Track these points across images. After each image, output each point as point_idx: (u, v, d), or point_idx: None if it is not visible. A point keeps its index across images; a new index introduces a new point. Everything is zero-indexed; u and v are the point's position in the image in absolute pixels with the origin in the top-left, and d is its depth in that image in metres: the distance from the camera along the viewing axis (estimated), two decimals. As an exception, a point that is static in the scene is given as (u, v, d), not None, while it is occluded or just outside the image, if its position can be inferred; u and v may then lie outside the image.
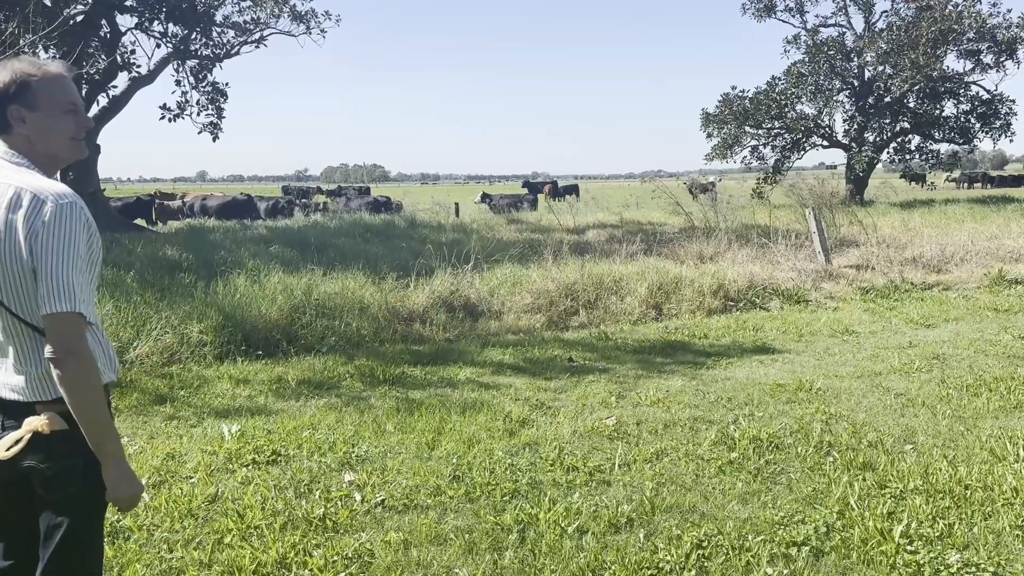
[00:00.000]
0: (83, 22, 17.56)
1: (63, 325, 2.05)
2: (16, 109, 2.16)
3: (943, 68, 28.60)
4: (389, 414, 5.89)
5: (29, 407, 2.17)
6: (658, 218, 23.55)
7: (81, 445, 2.15)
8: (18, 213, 2.06)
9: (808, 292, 10.89)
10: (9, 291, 2.10)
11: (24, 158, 2.18)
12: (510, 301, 9.90)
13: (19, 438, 2.12)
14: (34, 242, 2.04)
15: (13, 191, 2.08)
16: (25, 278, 2.08)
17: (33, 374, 2.16)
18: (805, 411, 5.85)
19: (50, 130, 2.22)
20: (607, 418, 5.73)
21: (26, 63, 2.20)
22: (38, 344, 2.14)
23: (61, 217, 2.06)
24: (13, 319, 2.13)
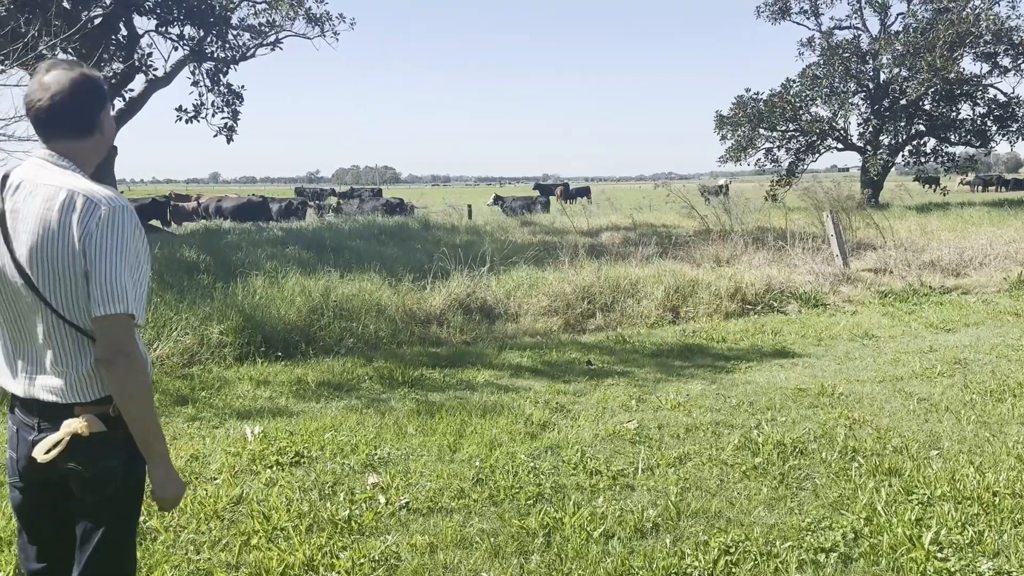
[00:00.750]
0: (101, 25, 17.66)
1: (115, 326, 2.05)
2: (106, 114, 2.23)
3: (960, 70, 28.40)
4: (409, 416, 5.89)
5: (67, 409, 2.14)
6: (672, 221, 23.49)
7: (119, 447, 2.17)
8: (72, 215, 2.05)
9: (826, 296, 10.83)
10: (57, 292, 2.08)
11: (70, 162, 2.18)
12: (526, 304, 9.89)
13: (57, 441, 2.10)
14: (88, 244, 2.04)
15: (65, 193, 2.07)
16: (76, 280, 2.07)
17: (73, 376, 2.13)
18: (828, 416, 5.82)
19: (110, 139, 2.32)
20: (628, 422, 5.72)
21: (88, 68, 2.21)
22: (81, 346, 2.13)
23: (115, 220, 2.06)
24: (58, 320, 2.11)
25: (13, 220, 2.09)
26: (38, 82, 2.13)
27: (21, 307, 2.13)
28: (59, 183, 2.10)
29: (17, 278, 2.09)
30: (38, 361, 2.16)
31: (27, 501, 2.29)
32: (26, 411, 2.19)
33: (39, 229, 2.06)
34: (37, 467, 2.13)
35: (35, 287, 2.08)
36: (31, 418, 2.18)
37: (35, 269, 2.07)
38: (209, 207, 26.56)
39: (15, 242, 2.08)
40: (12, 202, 2.10)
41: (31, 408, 2.18)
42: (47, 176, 2.12)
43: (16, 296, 2.12)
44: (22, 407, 2.20)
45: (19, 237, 2.08)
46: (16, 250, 2.08)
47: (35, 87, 2.13)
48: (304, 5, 23.42)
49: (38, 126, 2.16)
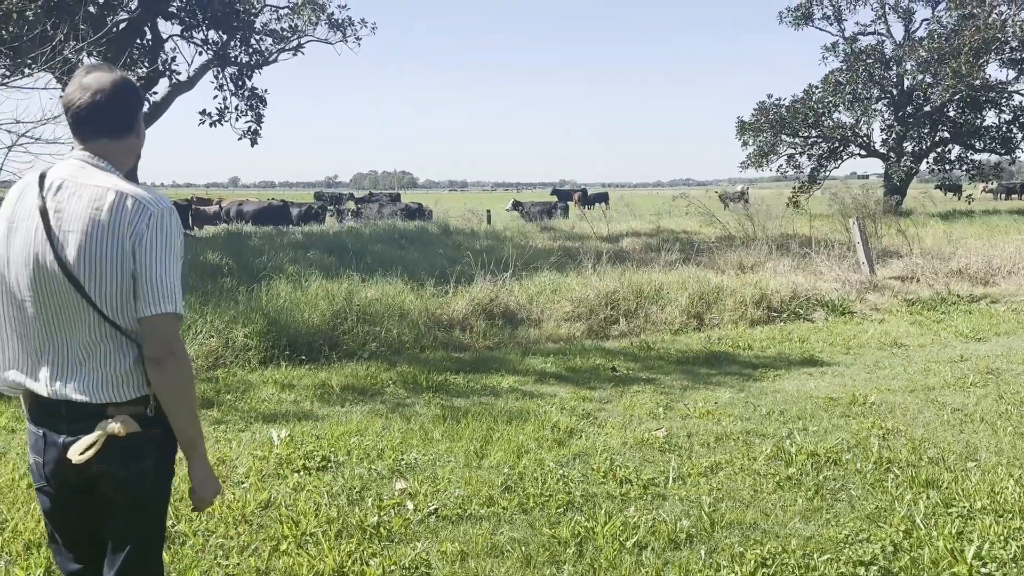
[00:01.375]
0: (126, 29, 17.82)
1: (164, 326, 2.09)
2: (141, 117, 2.29)
3: (985, 77, 28.08)
4: (435, 422, 5.85)
5: (100, 409, 2.12)
6: (692, 227, 23.37)
7: (152, 447, 2.18)
8: (123, 216, 2.07)
9: (853, 303, 10.70)
10: (103, 291, 2.08)
11: (107, 163, 2.18)
12: (549, 309, 9.84)
13: (92, 442, 2.08)
14: (138, 245, 2.06)
15: (114, 195, 2.09)
16: (123, 279, 2.08)
17: (111, 376, 2.13)
18: (861, 426, 5.72)
19: (142, 142, 2.34)
20: (656, 429, 5.65)
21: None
22: (120, 345, 2.13)
23: (163, 222, 2.10)
24: (100, 319, 2.10)
25: (57, 219, 2.08)
26: (78, 83, 2.16)
27: (58, 305, 2.11)
28: (105, 184, 2.11)
29: (60, 276, 2.07)
30: (71, 361, 2.13)
31: (57, 505, 2.28)
32: (52, 413, 2.16)
33: (88, 229, 2.06)
34: (70, 469, 2.11)
35: (80, 286, 2.07)
36: (58, 420, 2.15)
37: (82, 268, 2.06)
38: (230, 211, 26.73)
39: (61, 241, 2.07)
40: (55, 202, 2.10)
41: (58, 409, 2.14)
42: (89, 177, 2.13)
43: (54, 294, 2.10)
44: (47, 409, 2.17)
45: (65, 236, 2.07)
46: (61, 249, 2.07)
47: (75, 88, 2.15)
48: (326, 10, 23.56)
49: (77, 125, 2.17)
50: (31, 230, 2.10)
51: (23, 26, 10.41)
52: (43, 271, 2.09)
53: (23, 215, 2.13)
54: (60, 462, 2.14)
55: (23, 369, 2.19)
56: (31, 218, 2.10)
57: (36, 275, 2.10)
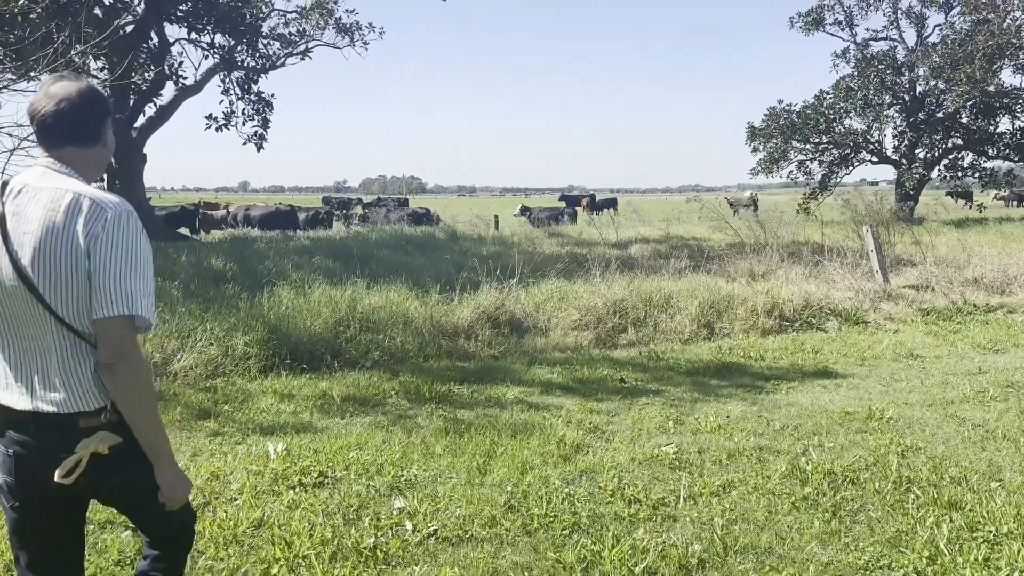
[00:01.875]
0: (132, 33, 17.75)
1: (116, 329, 2.03)
2: (108, 127, 2.28)
3: (999, 83, 27.76)
4: (437, 435, 5.66)
5: (70, 420, 2.09)
6: (702, 233, 23.15)
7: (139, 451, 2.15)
8: (78, 217, 2.04)
9: (867, 313, 10.47)
10: (59, 295, 2.05)
11: (72, 170, 2.18)
12: (556, 317, 9.65)
13: (77, 462, 2.06)
14: (93, 246, 2.02)
15: (71, 196, 2.06)
16: (79, 282, 2.04)
17: (75, 384, 2.09)
18: (878, 442, 5.51)
19: (110, 152, 2.35)
20: (666, 445, 5.45)
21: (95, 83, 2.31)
22: (80, 352, 2.10)
23: (121, 224, 2.06)
24: (59, 325, 2.07)
25: (15, 223, 2.06)
26: (44, 92, 2.17)
27: (20, 313, 2.08)
28: (64, 186, 2.09)
29: (16, 280, 2.05)
30: (39, 371, 2.10)
31: (31, 520, 2.22)
32: (19, 426, 2.11)
33: (42, 230, 2.03)
34: (53, 484, 2.07)
35: (35, 289, 2.04)
36: (26, 434, 2.11)
37: (37, 271, 2.03)
38: (237, 216, 26.63)
39: (16, 244, 2.05)
40: (14, 205, 2.09)
41: (27, 422, 2.10)
42: (50, 180, 2.12)
43: (12, 300, 2.07)
44: (16, 423, 2.12)
45: (21, 239, 2.05)
46: (16, 252, 2.04)
47: (41, 96, 2.16)
48: (334, 15, 23.51)
49: (42, 134, 2.17)
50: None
51: (25, 28, 10.29)
52: (1, 277, 2.06)
53: None
54: (38, 477, 2.10)
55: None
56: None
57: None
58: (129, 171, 18.55)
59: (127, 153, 18.52)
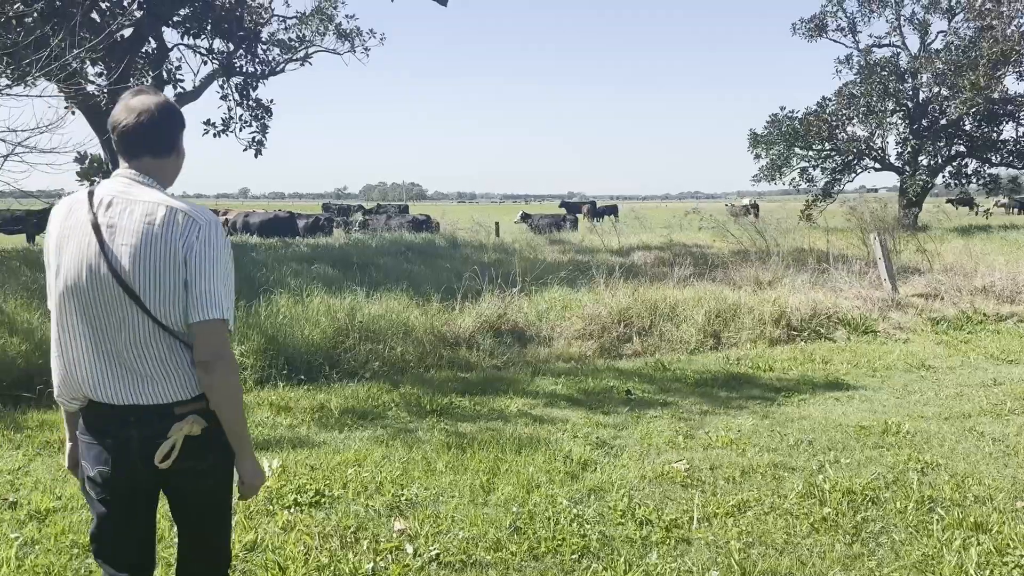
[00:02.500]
0: (130, 38, 17.58)
1: (213, 331, 2.21)
2: (182, 137, 2.42)
3: (1003, 89, 27.62)
4: (439, 450, 5.46)
5: (167, 409, 2.25)
6: (704, 240, 22.99)
7: (221, 440, 2.32)
8: (174, 230, 2.20)
9: (875, 322, 10.27)
10: (156, 299, 2.20)
11: (152, 179, 2.31)
12: (560, 327, 9.45)
13: (172, 445, 2.22)
14: (189, 255, 2.19)
15: (165, 209, 2.21)
16: (176, 289, 2.20)
17: (172, 377, 2.26)
18: (896, 458, 5.30)
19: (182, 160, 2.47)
20: (677, 462, 5.24)
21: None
22: (176, 348, 2.25)
23: (211, 234, 2.23)
24: (155, 326, 2.22)
25: (110, 233, 2.20)
26: (124, 105, 2.30)
27: (112, 313, 2.22)
28: (155, 199, 2.24)
29: (114, 285, 2.19)
30: (137, 368, 2.24)
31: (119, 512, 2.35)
32: (119, 420, 2.26)
33: (142, 242, 2.18)
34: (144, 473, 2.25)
35: (134, 294, 2.19)
36: (127, 427, 2.25)
37: (137, 277, 2.19)
38: (237, 222, 26.43)
39: (115, 254, 2.19)
40: (107, 217, 2.22)
41: (126, 416, 2.25)
42: (138, 193, 2.26)
43: (108, 303, 2.21)
44: (113, 417, 2.26)
45: (120, 249, 2.19)
46: (116, 260, 2.19)
47: (121, 109, 2.30)
48: (334, 20, 23.35)
49: (122, 144, 2.30)
50: (83, 243, 2.21)
51: (20, 32, 10.12)
52: (97, 281, 2.21)
53: (74, 229, 2.24)
54: (134, 466, 2.26)
55: (86, 381, 2.28)
56: (83, 232, 2.22)
57: (89, 285, 2.21)
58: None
59: (125, 159, 18.31)
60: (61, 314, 2.28)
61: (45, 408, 6.42)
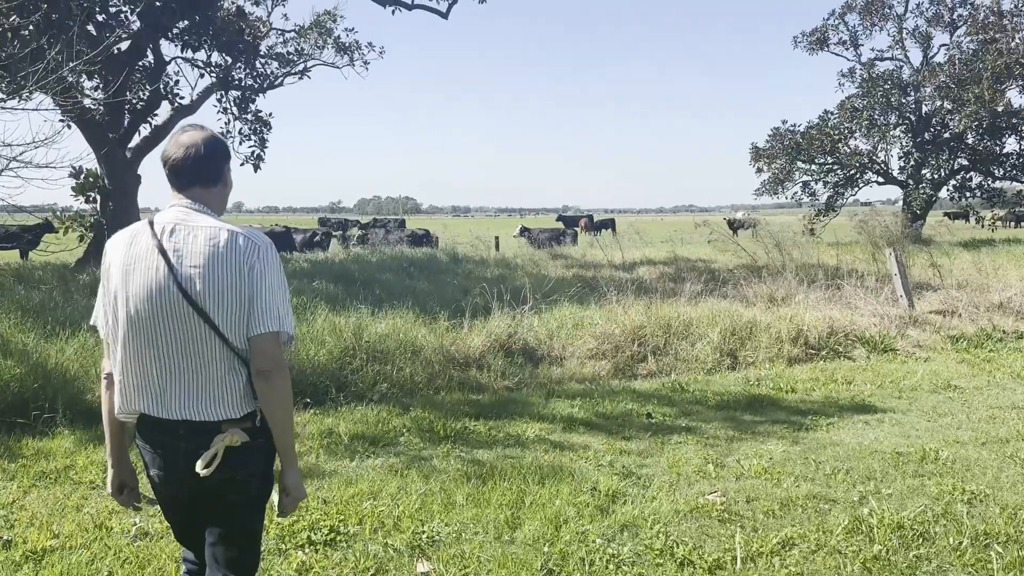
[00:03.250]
0: (128, 51, 17.34)
1: (272, 343, 2.40)
2: (228, 168, 2.63)
3: (1007, 103, 27.52)
4: (458, 481, 5.17)
5: (215, 426, 2.40)
6: (707, 255, 22.76)
7: (260, 454, 2.49)
8: (237, 252, 2.38)
9: (894, 340, 10.01)
10: (224, 318, 2.37)
11: (204, 207, 2.50)
12: (572, 346, 9.17)
13: (214, 455, 2.36)
14: (251, 274, 2.37)
15: (227, 233, 2.40)
16: (242, 305, 2.38)
17: (226, 395, 2.42)
18: (940, 488, 5.03)
19: (230, 189, 2.67)
20: (711, 493, 4.96)
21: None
22: (233, 367, 2.41)
23: (269, 255, 2.43)
24: (222, 344, 2.39)
25: (177, 257, 2.38)
26: (174, 141, 2.53)
27: (180, 334, 2.38)
28: (215, 225, 2.43)
29: (185, 306, 2.36)
30: (191, 385, 2.41)
31: (172, 507, 2.62)
32: (170, 432, 2.43)
33: (209, 264, 2.36)
34: (188, 479, 2.39)
35: (204, 313, 2.36)
36: (176, 438, 2.42)
37: (207, 297, 2.36)
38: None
39: (184, 277, 2.36)
40: (172, 243, 2.40)
41: (176, 429, 2.42)
42: (197, 220, 2.45)
43: (176, 323, 2.38)
44: (164, 429, 2.44)
45: (189, 272, 2.36)
46: (187, 282, 2.36)
47: (172, 145, 2.52)
48: (333, 34, 23.13)
49: (176, 176, 2.51)
50: (151, 268, 2.39)
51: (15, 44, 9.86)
52: (166, 303, 2.37)
53: (140, 256, 2.41)
54: (181, 474, 2.43)
55: (144, 397, 2.45)
56: (149, 258, 2.39)
57: (158, 307, 2.38)
58: (123, 192, 18.04)
59: (121, 174, 18.04)
60: (126, 336, 2.44)
61: (41, 435, 6.12)
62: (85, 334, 7.97)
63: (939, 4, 30.66)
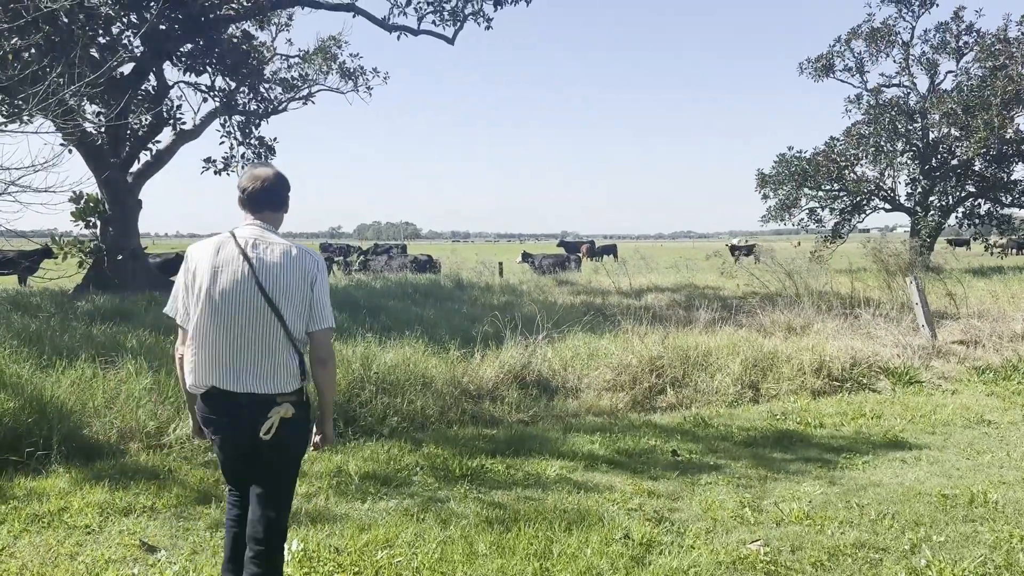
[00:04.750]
0: (130, 75, 17.16)
1: (328, 336, 3.28)
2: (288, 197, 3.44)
3: (1017, 129, 27.35)
4: (479, 528, 4.83)
5: (271, 398, 3.19)
6: (714, 281, 22.48)
7: (303, 422, 3.31)
8: (304, 264, 3.23)
9: (919, 372, 9.69)
10: (290, 313, 3.18)
11: (271, 227, 3.34)
12: (588, 377, 8.83)
13: (272, 424, 3.17)
14: (313, 282, 3.23)
15: (296, 250, 3.24)
16: (304, 305, 3.21)
17: (283, 374, 3.20)
18: (996, 535, 4.70)
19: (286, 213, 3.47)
20: (753, 542, 4.62)
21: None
22: (291, 353, 3.21)
23: (323, 266, 3.30)
24: (285, 334, 3.18)
25: (260, 265, 3.18)
26: (250, 175, 3.35)
27: (255, 324, 3.16)
28: (285, 243, 3.26)
29: (262, 302, 3.15)
30: (257, 365, 3.17)
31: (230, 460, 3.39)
32: (234, 403, 3.18)
33: (284, 272, 3.18)
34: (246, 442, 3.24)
35: (276, 309, 3.15)
36: (239, 407, 3.18)
37: (279, 297, 3.16)
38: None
39: (264, 281, 3.16)
40: (255, 254, 3.20)
41: (239, 400, 3.18)
42: (271, 238, 3.27)
43: (253, 315, 3.15)
44: (230, 400, 3.19)
45: (268, 276, 3.17)
46: (266, 284, 3.16)
47: (248, 178, 3.34)
48: (338, 59, 23.03)
49: (251, 203, 3.32)
50: (237, 270, 3.17)
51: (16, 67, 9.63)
52: (247, 298, 3.15)
53: (227, 260, 3.19)
54: (243, 434, 3.21)
55: (217, 372, 3.19)
56: (235, 262, 3.18)
57: (240, 301, 3.15)
58: (124, 217, 17.76)
59: (122, 198, 17.76)
60: (207, 324, 3.18)
61: (35, 474, 5.77)
62: (83, 364, 7.66)
63: (945, 31, 30.64)
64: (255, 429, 3.13)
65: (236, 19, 17.86)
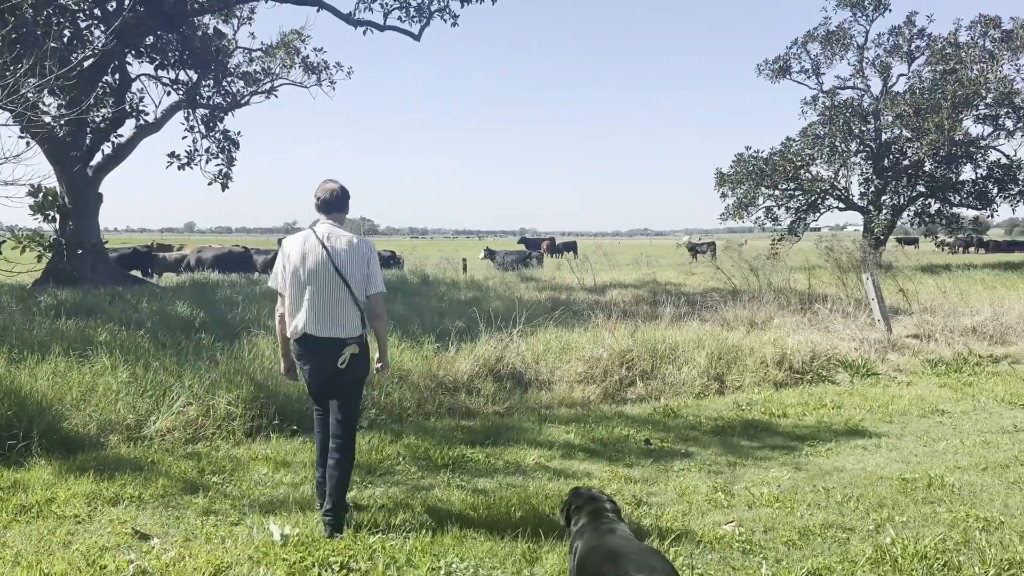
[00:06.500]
0: (92, 68, 16.90)
1: (380, 298, 4.69)
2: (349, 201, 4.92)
3: (965, 131, 28.26)
4: (464, 510, 4.98)
5: (343, 341, 4.62)
6: (675, 277, 22.90)
7: (365, 357, 4.80)
8: (362, 248, 4.69)
9: (875, 364, 10.08)
10: (355, 282, 4.62)
11: (339, 224, 4.80)
12: (560, 370, 9.04)
13: (346, 357, 4.62)
14: (368, 259, 4.70)
15: (356, 239, 4.70)
16: (363, 277, 4.65)
17: (351, 325, 4.64)
18: (954, 516, 5.00)
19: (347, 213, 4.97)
20: (727, 523, 4.86)
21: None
22: (356, 310, 4.64)
23: (374, 250, 4.81)
24: (351, 298, 4.61)
25: (334, 251, 4.61)
26: (322, 187, 4.82)
27: (331, 291, 4.59)
28: (348, 235, 4.72)
29: (336, 276, 4.59)
30: (334, 318, 4.60)
31: (316, 383, 4.79)
32: (322, 343, 4.62)
33: (349, 255, 4.63)
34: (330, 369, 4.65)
35: (345, 281, 4.59)
36: (323, 346, 4.62)
37: (346, 272, 4.60)
38: (191, 260, 25.53)
39: (337, 262, 4.59)
40: (330, 243, 4.63)
41: (324, 342, 4.62)
42: (339, 232, 4.72)
43: (330, 285, 4.59)
44: (318, 342, 4.63)
45: (339, 258, 4.60)
46: (338, 263, 4.59)
47: (321, 190, 4.82)
48: (301, 53, 22.90)
49: (325, 207, 4.79)
50: (319, 256, 4.60)
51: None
52: (326, 274, 4.60)
53: (311, 248, 4.63)
54: (327, 366, 4.64)
55: (308, 323, 4.62)
56: (317, 250, 4.61)
57: (322, 276, 4.59)
58: (84, 211, 17.51)
59: (82, 193, 17.51)
60: (300, 291, 4.62)
61: (16, 466, 5.78)
62: (56, 359, 7.64)
63: (898, 35, 31.53)
64: (334, 361, 4.56)
65: (201, 12, 17.70)
